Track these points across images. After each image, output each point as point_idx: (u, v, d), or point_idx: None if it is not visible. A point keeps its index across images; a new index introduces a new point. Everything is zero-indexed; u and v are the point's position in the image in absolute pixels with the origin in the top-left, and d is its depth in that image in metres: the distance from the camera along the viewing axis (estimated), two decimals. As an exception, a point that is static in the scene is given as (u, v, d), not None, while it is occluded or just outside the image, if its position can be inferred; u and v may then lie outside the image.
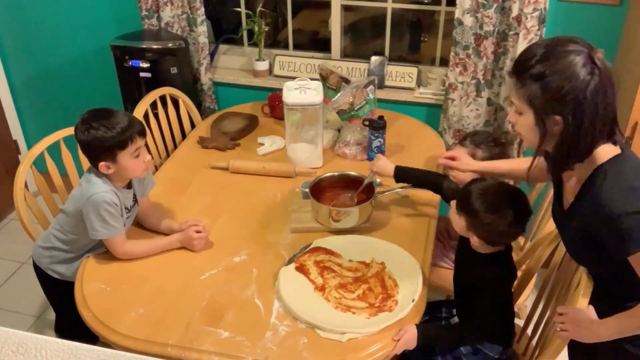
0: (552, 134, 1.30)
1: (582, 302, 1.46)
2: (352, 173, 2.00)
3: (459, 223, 1.58)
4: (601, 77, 1.24)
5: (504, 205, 1.51)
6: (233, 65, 2.96)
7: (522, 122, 1.34)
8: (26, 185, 1.99)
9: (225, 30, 3.02)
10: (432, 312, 1.90)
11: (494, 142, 2.08)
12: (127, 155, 1.69)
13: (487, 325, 1.61)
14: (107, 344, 1.48)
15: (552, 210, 1.56)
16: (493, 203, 1.51)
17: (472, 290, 1.60)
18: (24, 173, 1.95)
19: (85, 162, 2.14)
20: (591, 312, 1.42)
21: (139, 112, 2.31)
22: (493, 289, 1.59)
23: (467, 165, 1.86)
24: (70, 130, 2.11)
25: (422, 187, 1.90)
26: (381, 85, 2.69)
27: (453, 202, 1.62)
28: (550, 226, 1.91)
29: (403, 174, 1.89)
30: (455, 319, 1.82)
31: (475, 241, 1.56)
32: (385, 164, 1.90)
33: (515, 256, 2.04)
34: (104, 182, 1.72)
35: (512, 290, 1.81)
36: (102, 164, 1.69)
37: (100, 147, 1.67)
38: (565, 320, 1.44)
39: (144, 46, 2.56)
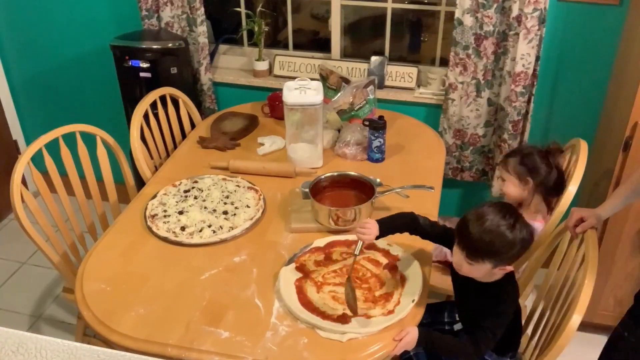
0: None
1: (582, 303, 1.46)
2: (352, 173, 2.00)
3: (481, 270, 1.52)
4: None
5: (504, 224, 1.48)
6: (233, 65, 2.96)
7: None
8: (26, 186, 1.98)
9: (225, 30, 3.02)
10: (434, 315, 1.90)
11: (529, 149, 1.97)
12: None
13: (493, 341, 1.57)
14: (107, 344, 1.49)
15: None
16: (502, 231, 1.47)
17: (483, 311, 1.58)
18: (21, 169, 1.95)
19: (86, 161, 2.15)
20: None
21: (139, 112, 2.31)
22: (504, 308, 1.58)
23: (599, 218, 1.71)
24: (69, 128, 2.12)
25: (400, 231, 1.70)
26: (381, 85, 2.69)
27: (459, 260, 1.55)
28: (550, 227, 1.91)
29: (384, 229, 1.65)
30: (458, 325, 1.82)
31: (503, 272, 1.54)
32: (373, 227, 1.63)
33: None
34: None
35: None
36: None
37: None
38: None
39: (143, 46, 2.56)
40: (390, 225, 1.67)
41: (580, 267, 1.59)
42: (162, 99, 2.46)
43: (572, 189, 1.92)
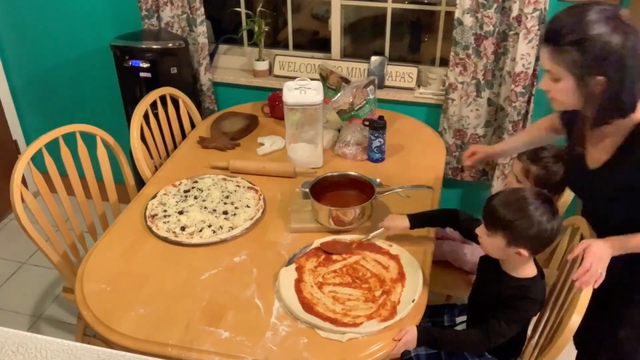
0: (594, 94, 1.37)
1: (582, 303, 1.46)
2: (352, 173, 2.00)
3: (495, 244, 1.52)
4: (636, 34, 1.30)
5: (533, 204, 1.46)
6: (233, 65, 2.96)
7: (560, 87, 1.40)
8: (26, 186, 1.98)
9: (225, 30, 3.02)
10: (434, 316, 1.90)
11: (554, 158, 1.92)
12: None
13: (504, 336, 1.55)
14: (107, 344, 1.49)
15: (570, 177, 1.67)
16: (522, 206, 1.46)
17: (500, 308, 1.55)
18: (21, 169, 1.95)
19: (86, 161, 2.15)
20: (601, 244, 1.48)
21: (139, 112, 2.31)
22: (525, 305, 1.55)
23: (490, 153, 2.00)
24: (69, 128, 2.12)
25: (441, 225, 1.90)
26: (381, 85, 2.69)
27: (480, 230, 1.56)
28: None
29: (419, 221, 1.78)
30: (459, 328, 1.82)
31: (520, 258, 1.52)
32: (397, 220, 1.77)
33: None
34: None
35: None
36: None
37: None
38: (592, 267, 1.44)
39: (144, 46, 2.56)
40: (425, 220, 1.80)
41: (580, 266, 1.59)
42: (162, 99, 2.46)
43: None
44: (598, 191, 1.54)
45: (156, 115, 2.42)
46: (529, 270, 1.57)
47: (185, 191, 2.05)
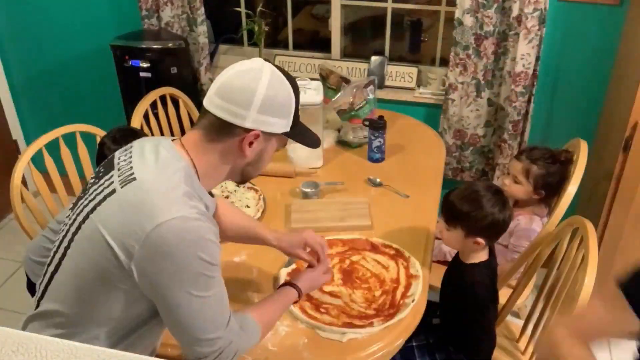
0: None
1: (582, 303, 1.46)
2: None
3: (455, 236, 1.63)
4: None
5: (485, 196, 1.59)
6: (233, 65, 2.96)
7: None
8: (26, 186, 1.98)
9: (225, 30, 3.02)
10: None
11: (551, 158, 1.98)
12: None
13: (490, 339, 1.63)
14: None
15: None
16: (476, 199, 1.59)
17: (466, 306, 1.62)
18: (21, 169, 1.95)
19: (86, 161, 2.15)
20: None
21: (139, 112, 2.31)
22: (484, 296, 1.62)
23: None
24: (69, 128, 2.12)
25: None
26: (381, 85, 2.69)
27: (440, 225, 1.68)
28: (550, 225, 1.91)
29: None
30: (437, 320, 1.83)
31: (477, 247, 1.61)
32: None
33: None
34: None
35: (511, 292, 1.80)
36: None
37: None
38: None
39: (144, 46, 2.56)
40: None
41: (580, 267, 1.59)
42: (162, 99, 2.46)
43: (572, 189, 1.92)
44: None
45: (156, 115, 2.42)
46: (480, 257, 1.66)
47: (185, 191, 2.05)
